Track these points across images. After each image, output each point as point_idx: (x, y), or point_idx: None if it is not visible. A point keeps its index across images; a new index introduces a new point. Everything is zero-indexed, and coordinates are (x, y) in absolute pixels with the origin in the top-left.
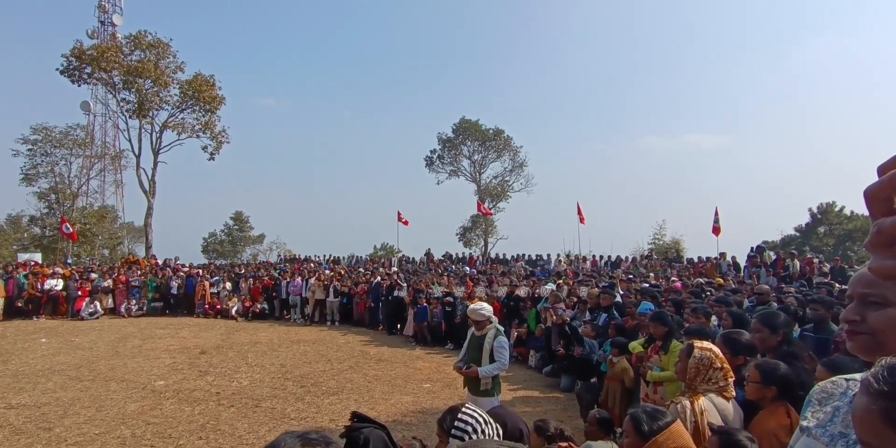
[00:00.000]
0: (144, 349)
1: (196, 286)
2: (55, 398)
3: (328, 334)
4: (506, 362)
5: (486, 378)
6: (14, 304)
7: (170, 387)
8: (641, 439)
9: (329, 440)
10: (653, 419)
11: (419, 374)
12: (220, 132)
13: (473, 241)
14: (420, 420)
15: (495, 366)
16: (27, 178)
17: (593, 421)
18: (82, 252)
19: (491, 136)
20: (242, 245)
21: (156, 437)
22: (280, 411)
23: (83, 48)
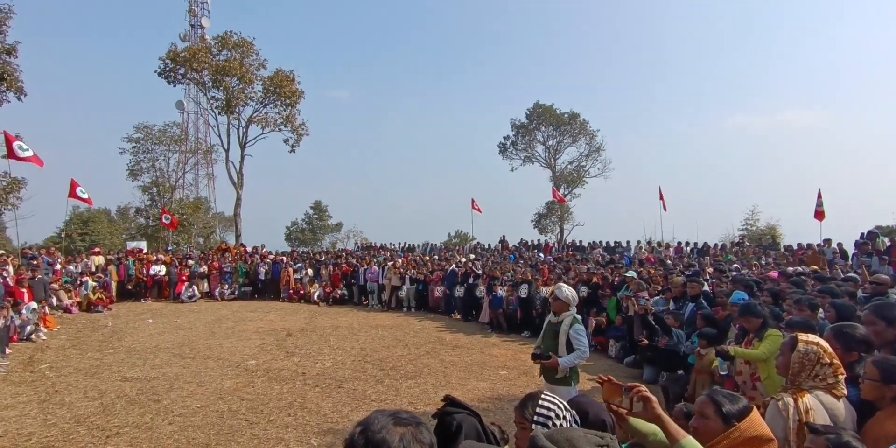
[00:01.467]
0: (237, 330)
1: (281, 272)
2: (162, 373)
3: (405, 320)
4: (586, 350)
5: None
6: (125, 287)
7: (260, 366)
8: (723, 422)
9: (419, 420)
10: (733, 402)
11: (495, 361)
12: (299, 125)
13: (549, 228)
14: (497, 407)
15: (576, 354)
16: (132, 174)
17: (680, 415)
18: (181, 240)
19: (566, 120)
20: (322, 233)
21: (249, 412)
22: (361, 393)
23: (177, 51)
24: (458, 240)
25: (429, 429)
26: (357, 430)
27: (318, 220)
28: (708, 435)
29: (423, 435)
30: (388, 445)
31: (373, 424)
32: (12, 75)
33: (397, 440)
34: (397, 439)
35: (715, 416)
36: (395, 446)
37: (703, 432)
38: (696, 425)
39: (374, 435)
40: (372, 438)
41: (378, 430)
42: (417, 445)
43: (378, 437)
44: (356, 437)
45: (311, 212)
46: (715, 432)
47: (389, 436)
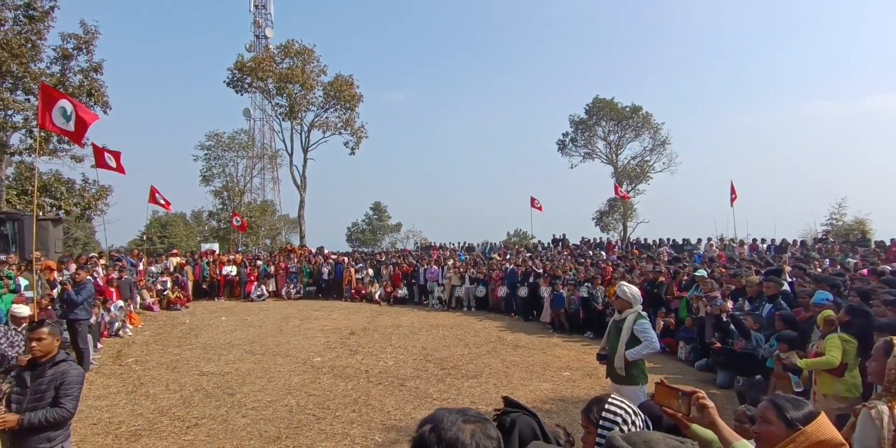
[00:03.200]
0: (303, 328)
1: (343, 272)
2: (235, 368)
3: (465, 319)
4: (654, 341)
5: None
6: (200, 286)
7: (326, 363)
8: (787, 427)
9: (486, 417)
10: (797, 407)
11: (557, 362)
12: (359, 128)
13: (611, 226)
14: (560, 408)
15: (643, 346)
16: (205, 179)
17: (743, 418)
18: (249, 242)
19: (628, 114)
20: (381, 234)
21: (316, 407)
22: (423, 391)
23: (243, 61)
24: (517, 239)
25: (494, 425)
26: (427, 427)
27: (378, 221)
28: (771, 440)
29: (490, 431)
30: (461, 443)
31: (442, 422)
32: (99, 91)
33: (469, 437)
34: (469, 436)
35: (778, 421)
36: (467, 443)
37: (766, 438)
38: (757, 431)
39: (446, 432)
40: (444, 436)
41: (449, 427)
42: (487, 442)
43: (449, 434)
44: (427, 435)
45: (371, 213)
46: (778, 438)
47: (461, 433)
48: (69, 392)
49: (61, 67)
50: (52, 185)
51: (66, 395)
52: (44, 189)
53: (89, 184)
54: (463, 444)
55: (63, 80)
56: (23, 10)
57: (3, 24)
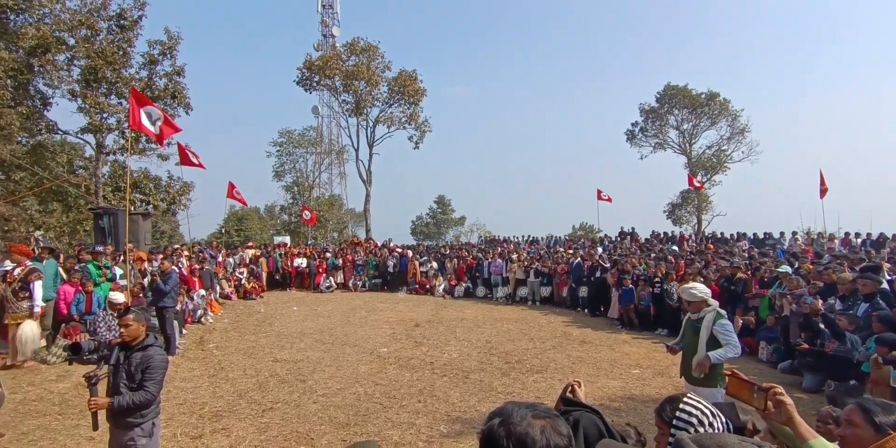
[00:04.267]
0: (369, 320)
1: (408, 265)
2: (306, 356)
3: (529, 314)
4: (736, 344)
5: (701, 365)
6: (273, 277)
7: (391, 354)
8: (875, 432)
9: (556, 414)
10: (887, 412)
11: (626, 359)
12: (422, 122)
13: (684, 219)
14: (630, 407)
15: (727, 349)
16: (277, 175)
17: (826, 418)
18: (318, 235)
19: (703, 101)
20: (445, 227)
21: (383, 396)
22: (488, 384)
23: (312, 60)
24: (583, 232)
25: (564, 422)
26: (495, 421)
27: (442, 215)
28: (856, 444)
29: (561, 428)
30: (530, 438)
31: (512, 416)
32: (181, 93)
33: (539, 433)
34: (539, 432)
35: (865, 425)
36: (537, 439)
37: (852, 441)
38: (842, 434)
39: (516, 427)
40: (513, 431)
41: (518, 422)
42: (559, 438)
43: (519, 429)
44: (496, 429)
45: (435, 206)
46: (864, 442)
47: (531, 429)
48: (152, 376)
49: (148, 72)
50: (142, 182)
51: (149, 378)
52: (134, 186)
53: (174, 180)
54: (533, 440)
55: (150, 84)
56: (115, 21)
57: (99, 34)
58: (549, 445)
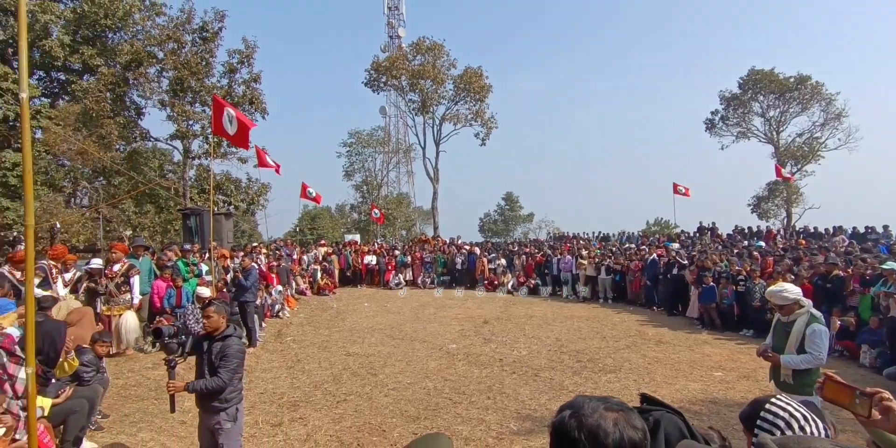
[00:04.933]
0: (438, 316)
1: (476, 262)
2: (377, 351)
3: (601, 311)
4: (822, 356)
5: (787, 369)
6: (345, 274)
7: (460, 350)
8: None
9: (629, 408)
10: None
11: (707, 361)
12: (489, 119)
13: (771, 212)
14: (711, 410)
15: (806, 357)
16: (347, 174)
17: None
18: (387, 233)
19: (792, 85)
20: (514, 224)
21: (452, 392)
22: (558, 383)
23: (379, 62)
24: (657, 228)
25: (638, 416)
26: (566, 413)
27: (510, 211)
28: None
29: (635, 421)
30: (602, 430)
31: (583, 408)
32: (258, 99)
33: (612, 425)
34: (611, 424)
35: None
36: (610, 431)
37: None
38: None
39: (587, 419)
40: (585, 423)
41: (590, 413)
42: (632, 431)
43: (591, 421)
44: (567, 420)
45: (503, 203)
46: None
47: (603, 421)
48: (226, 364)
49: (228, 80)
50: (224, 184)
51: (224, 366)
52: (217, 188)
53: (252, 182)
54: (605, 432)
55: (230, 92)
56: (198, 33)
57: (184, 46)
58: (623, 438)
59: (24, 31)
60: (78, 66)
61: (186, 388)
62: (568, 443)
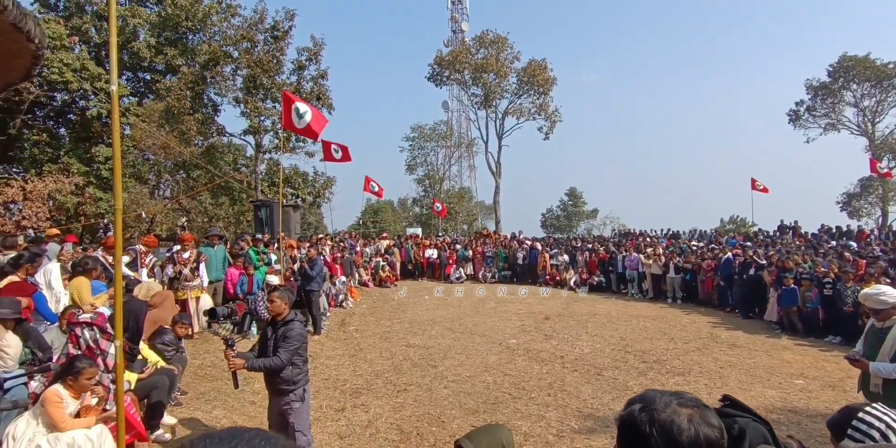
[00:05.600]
0: (498, 311)
1: (538, 258)
2: (437, 343)
3: (669, 312)
4: None
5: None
6: (406, 267)
7: (520, 346)
8: None
9: (705, 405)
10: None
11: (787, 368)
12: (552, 112)
13: (864, 211)
14: (791, 420)
15: None
16: (409, 168)
17: None
18: (448, 227)
19: (891, 72)
20: (577, 220)
21: (512, 386)
22: (622, 383)
23: (442, 56)
24: (733, 226)
25: (715, 413)
26: (636, 407)
27: (573, 207)
28: None
29: (711, 419)
30: (676, 426)
31: (655, 402)
32: (325, 95)
33: (686, 421)
34: (686, 420)
35: None
36: (684, 427)
37: None
38: None
39: (659, 413)
40: (657, 417)
41: (662, 408)
42: (708, 429)
43: (663, 416)
44: (637, 414)
45: (566, 198)
46: None
47: (677, 416)
48: (286, 345)
49: (297, 77)
50: (292, 177)
51: (283, 347)
52: (286, 181)
53: (319, 175)
54: (679, 429)
55: (298, 88)
56: (270, 32)
57: (257, 45)
58: (698, 435)
59: (114, 26)
60: (162, 67)
61: (246, 365)
62: (637, 438)
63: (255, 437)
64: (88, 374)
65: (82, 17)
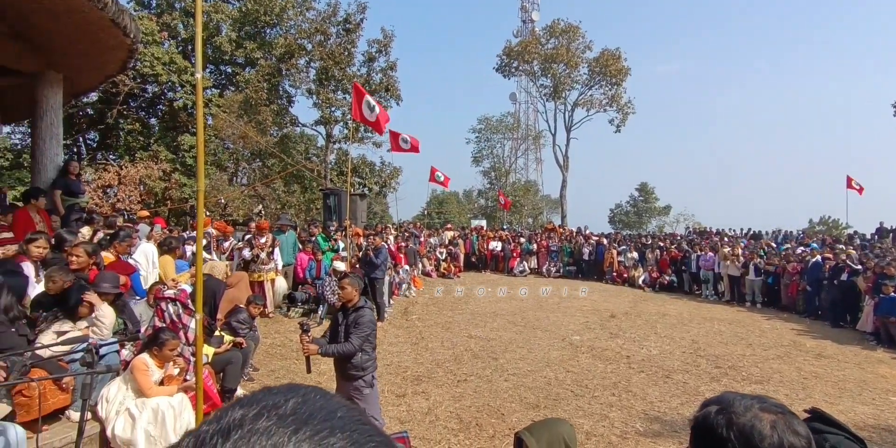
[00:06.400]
0: (562, 306)
1: (605, 254)
2: (498, 336)
3: (747, 316)
4: None
5: None
6: (469, 259)
7: (584, 343)
8: None
9: (791, 411)
10: None
11: (882, 383)
12: (625, 104)
13: None
14: (885, 439)
15: None
16: (475, 160)
17: None
18: (513, 220)
19: None
20: (647, 216)
21: (574, 384)
22: (693, 387)
23: (511, 46)
24: (823, 227)
25: (802, 422)
26: (712, 409)
27: (644, 203)
28: None
29: (797, 427)
30: (757, 432)
31: (734, 405)
32: (394, 86)
33: (768, 427)
34: (768, 426)
35: None
36: (766, 434)
37: None
38: None
39: (739, 417)
40: (736, 421)
41: (742, 412)
42: (794, 437)
43: (743, 420)
44: (713, 417)
45: (637, 194)
46: None
47: (759, 422)
48: (358, 332)
49: (367, 69)
50: (360, 166)
51: (355, 333)
52: (354, 170)
53: (385, 165)
54: (760, 435)
55: (368, 80)
56: (342, 25)
57: (330, 38)
58: (782, 444)
59: (199, 16)
60: (241, 60)
61: (320, 351)
62: (713, 442)
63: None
64: (172, 345)
65: (171, 13)
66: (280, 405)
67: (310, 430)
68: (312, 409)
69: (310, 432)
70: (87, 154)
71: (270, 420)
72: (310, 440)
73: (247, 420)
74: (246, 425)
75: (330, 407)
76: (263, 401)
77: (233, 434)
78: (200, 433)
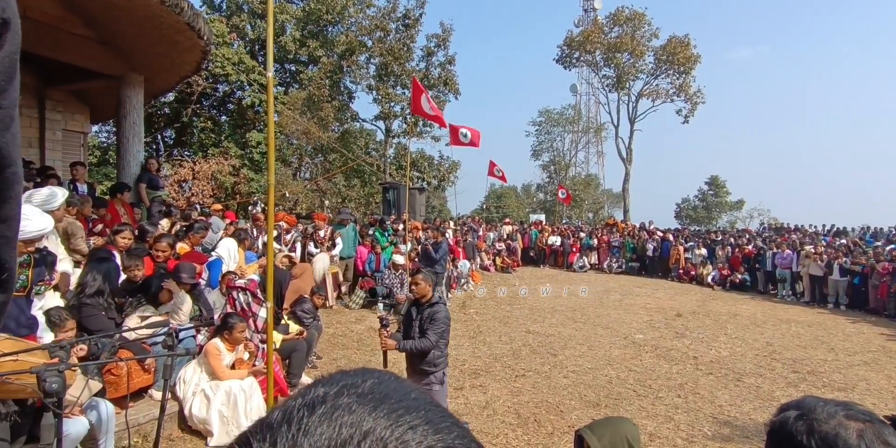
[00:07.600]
0: (624, 303)
1: (671, 250)
2: (557, 332)
3: (830, 318)
4: None
5: None
6: (528, 253)
7: (648, 342)
8: None
9: (882, 420)
10: None
11: None
12: (694, 93)
13: None
14: None
15: None
16: (535, 154)
17: None
18: (573, 214)
19: None
20: (718, 211)
21: (637, 383)
22: (767, 392)
23: (573, 36)
24: None
25: (894, 432)
26: (791, 413)
27: (714, 197)
28: None
29: (888, 437)
30: (842, 441)
31: (815, 411)
32: (452, 80)
33: (855, 436)
34: (854, 435)
35: None
36: (852, 443)
37: None
38: None
39: (821, 424)
40: (818, 428)
41: (825, 419)
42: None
43: (826, 427)
44: (793, 422)
45: (706, 187)
46: None
47: (844, 430)
48: (434, 328)
49: (426, 63)
50: (419, 161)
51: (432, 329)
52: (413, 164)
53: (444, 159)
54: (846, 445)
55: (427, 74)
56: (401, 21)
57: (389, 34)
58: None
59: (271, 18)
60: (305, 58)
61: (398, 346)
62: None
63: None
64: (240, 328)
65: (240, 15)
66: (358, 385)
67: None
68: (388, 390)
69: (387, 410)
70: (165, 151)
71: (350, 398)
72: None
73: (329, 397)
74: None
75: (403, 389)
76: (342, 381)
77: (317, 409)
78: (287, 407)
